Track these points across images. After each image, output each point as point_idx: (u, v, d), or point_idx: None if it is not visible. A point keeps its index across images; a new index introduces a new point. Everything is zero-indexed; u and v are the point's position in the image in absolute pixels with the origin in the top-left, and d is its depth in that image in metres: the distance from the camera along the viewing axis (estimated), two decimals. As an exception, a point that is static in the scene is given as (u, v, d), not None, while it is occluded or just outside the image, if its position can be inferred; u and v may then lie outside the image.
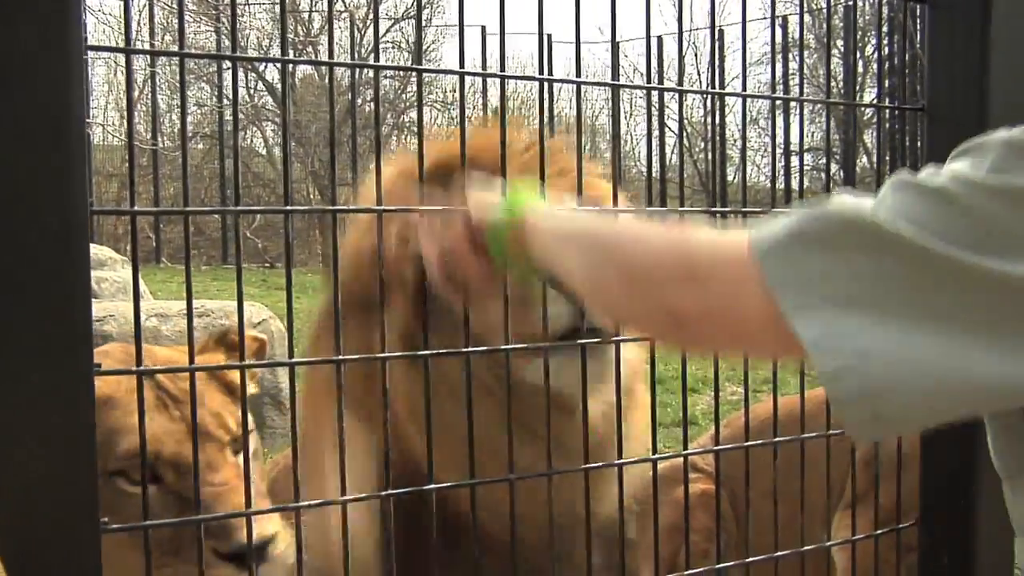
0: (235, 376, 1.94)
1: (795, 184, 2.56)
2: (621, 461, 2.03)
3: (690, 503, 2.27)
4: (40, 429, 1.39)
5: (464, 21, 1.87)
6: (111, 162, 23.20)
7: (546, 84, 2.02)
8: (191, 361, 1.66)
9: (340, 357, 1.76)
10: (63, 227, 1.39)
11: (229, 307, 7.64)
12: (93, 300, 1.46)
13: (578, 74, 2.00)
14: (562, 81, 2.12)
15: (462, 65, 1.87)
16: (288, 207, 1.71)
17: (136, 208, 1.57)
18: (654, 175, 2.17)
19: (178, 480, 1.80)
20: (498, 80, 1.94)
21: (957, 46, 2.33)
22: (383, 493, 1.82)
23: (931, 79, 2.39)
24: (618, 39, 2.13)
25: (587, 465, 1.97)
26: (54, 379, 1.40)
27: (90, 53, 1.49)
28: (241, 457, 1.80)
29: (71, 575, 1.40)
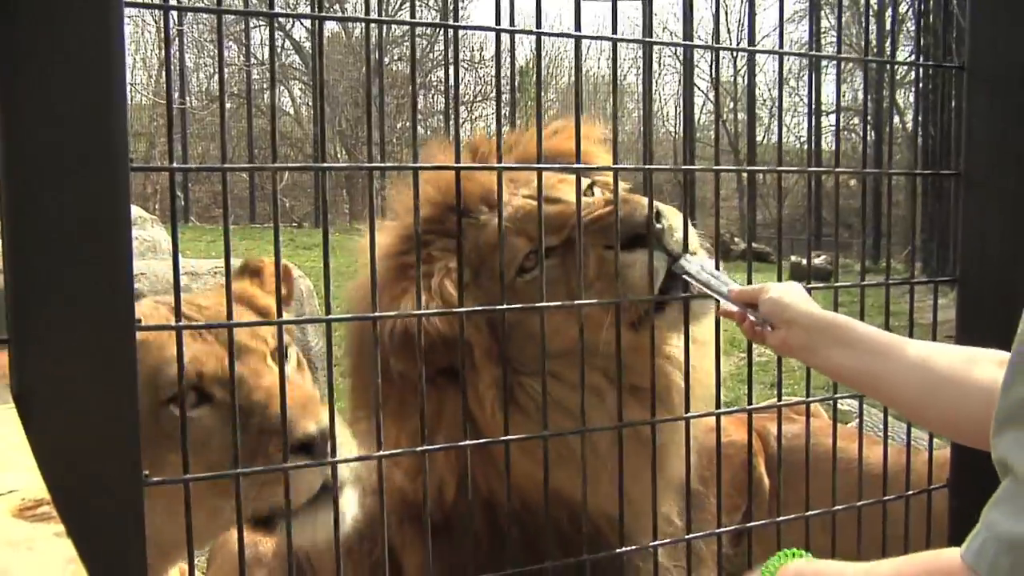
0: (265, 301, 2.00)
1: (826, 144, 2.54)
2: (654, 420, 2.06)
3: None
4: (83, 384, 1.41)
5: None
6: (139, 121, 23.35)
7: (579, 42, 2.01)
8: (229, 318, 1.67)
9: (376, 314, 1.79)
10: (106, 184, 1.40)
11: (258, 266, 7.70)
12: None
13: (614, 31, 1.99)
14: (596, 38, 2.10)
15: (497, 22, 1.86)
16: (324, 164, 1.71)
17: (175, 165, 1.58)
18: (683, 135, 2.15)
19: (226, 394, 1.79)
20: (526, 37, 1.93)
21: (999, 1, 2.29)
22: (418, 448, 1.85)
23: (972, 35, 2.35)
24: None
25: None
26: (96, 335, 1.42)
27: (126, 9, 1.49)
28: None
29: (115, 526, 1.43)
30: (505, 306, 1.92)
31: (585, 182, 2.23)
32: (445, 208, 2.06)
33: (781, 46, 2.24)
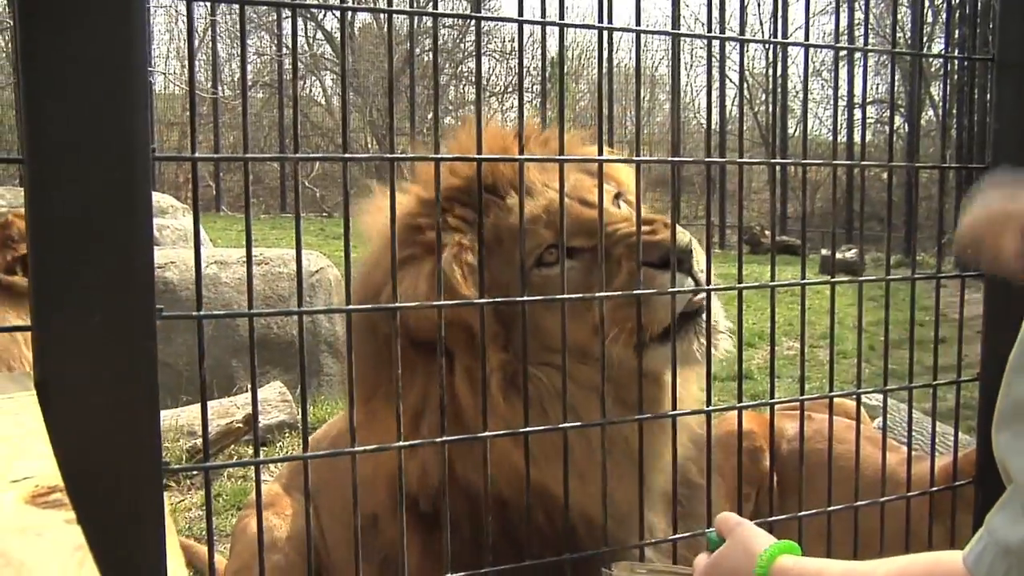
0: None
1: (857, 137, 2.52)
2: (675, 413, 2.06)
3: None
4: (103, 371, 1.43)
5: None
6: (172, 111, 23.50)
7: (605, 33, 2.00)
8: (250, 307, 1.69)
9: (398, 304, 1.79)
10: (126, 172, 1.41)
11: (288, 255, 7.71)
12: (155, 247, 1.48)
13: (638, 23, 1.98)
14: (621, 30, 2.09)
15: (520, 13, 1.86)
16: (347, 155, 1.72)
17: (197, 155, 1.59)
18: (713, 127, 2.14)
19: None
20: (556, 29, 1.93)
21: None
22: (438, 439, 1.85)
23: (1002, 28, 2.32)
24: (679, -13, 2.11)
25: (641, 416, 2.00)
26: (117, 322, 1.43)
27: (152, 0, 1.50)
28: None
29: (133, 512, 1.44)
30: (525, 298, 1.91)
31: (613, 190, 2.22)
32: (474, 181, 2.03)
33: (807, 38, 2.22)
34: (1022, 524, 1.20)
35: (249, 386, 7.16)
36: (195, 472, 5.43)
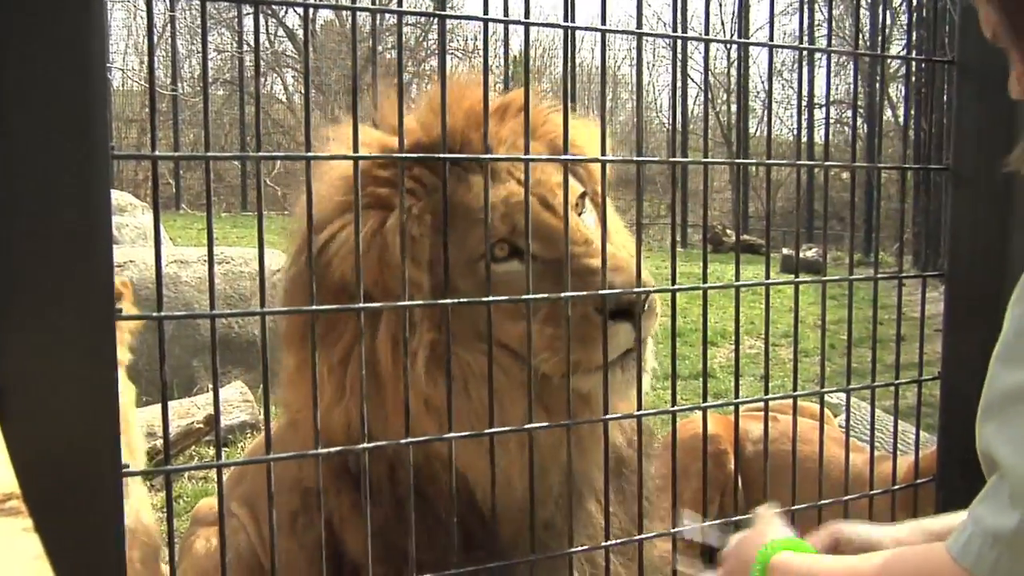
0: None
1: (819, 137, 2.53)
2: (640, 413, 2.05)
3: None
4: (61, 373, 1.40)
5: (488, -34, 1.84)
6: (131, 107, 23.26)
7: (569, 32, 2.00)
8: (212, 308, 1.66)
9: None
10: (84, 172, 1.39)
11: (249, 254, 7.64)
12: (113, 246, 1.46)
13: (603, 22, 1.98)
14: (586, 29, 2.09)
15: (485, 12, 1.85)
16: (309, 153, 1.70)
17: (157, 153, 1.56)
18: (677, 126, 2.14)
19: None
20: (521, 28, 1.92)
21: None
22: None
23: (962, 30, 2.34)
24: (643, -13, 2.11)
25: (607, 418, 1.99)
26: (75, 324, 1.41)
27: (111, -4, 1.48)
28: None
29: (92, 518, 1.42)
30: (489, 298, 1.89)
31: (578, 190, 2.17)
32: (439, 141, 1.92)
33: (772, 38, 2.23)
34: (1011, 513, 1.21)
35: (210, 386, 7.10)
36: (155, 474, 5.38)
